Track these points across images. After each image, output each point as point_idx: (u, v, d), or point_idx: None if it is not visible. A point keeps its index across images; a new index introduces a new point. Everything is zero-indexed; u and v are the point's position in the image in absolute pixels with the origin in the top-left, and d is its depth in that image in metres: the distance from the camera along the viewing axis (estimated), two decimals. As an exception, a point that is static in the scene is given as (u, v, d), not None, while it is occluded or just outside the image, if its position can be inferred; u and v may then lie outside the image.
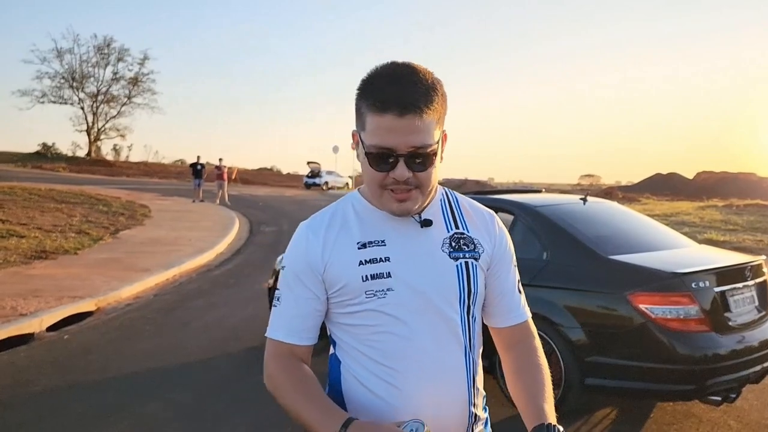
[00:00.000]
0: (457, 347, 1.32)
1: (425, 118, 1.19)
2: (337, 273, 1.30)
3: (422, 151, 1.21)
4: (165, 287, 8.25)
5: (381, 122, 1.20)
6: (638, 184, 48.07)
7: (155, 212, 17.74)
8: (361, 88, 1.25)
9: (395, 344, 1.28)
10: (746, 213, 20.09)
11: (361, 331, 1.31)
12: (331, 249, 1.31)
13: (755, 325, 3.97)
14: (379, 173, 1.24)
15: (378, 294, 1.27)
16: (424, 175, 1.24)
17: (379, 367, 1.30)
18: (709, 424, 4.04)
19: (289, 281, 1.34)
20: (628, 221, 4.87)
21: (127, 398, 4.28)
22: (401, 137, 1.19)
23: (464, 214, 1.40)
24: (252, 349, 5.53)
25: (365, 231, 1.32)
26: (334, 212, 1.38)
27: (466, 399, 1.33)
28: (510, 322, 1.43)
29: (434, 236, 1.33)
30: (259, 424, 3.91)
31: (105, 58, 60.98)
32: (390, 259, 1.29)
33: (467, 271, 1.32)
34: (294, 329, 1.34)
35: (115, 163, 57.99)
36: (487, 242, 1.38)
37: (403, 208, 1.27)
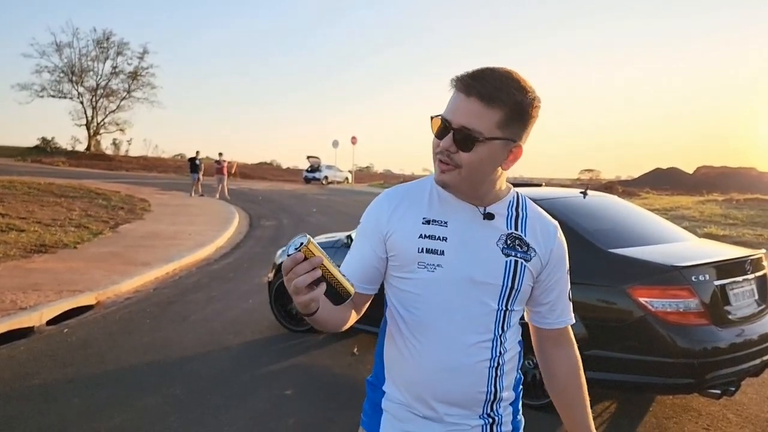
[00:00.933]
0: (486, 332, 1.41)
1: (486, 108, 1.29)
2: (399, 240, 1.42)
3: (468, 132, 1.30)
4: (164, 281, 8.24)
5: (452, 98, 1.34)
6: (638, 179, 48.02)
7: (155, 206, 17.73)
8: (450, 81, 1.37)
9: (431, 314, 1.40)
10: (746, 207, 20.08)
11: (407, 296, 1.44)
12: (399, 218, 1.44)
13: (755, 319, 3.97)
14: (435, 139, 1.36)
15: (428, 267, 1.39)
16: (466, 157, 1.32)
17: (412, 332, 1.43)
18: (708, 418, 4.04)
19: (359, 235, 1.50)
20: (628, 215, 4.86)
21: (126, 392, 4.27)
22: (459, 114, 1.31)
23: (528, 219, 1.49)
24: (251, 342, 5.53)
25: (433, 210, 1.44)
26: (412, 187, 1.51)
27: (485, 378, 1.42)
28: (553, 326, 1.54)
29: (494, 230, 1.43)
30: (259, 417, 3.90)
31: (104, 52, 61.00)
32: (447, 240, 1.40)
33: (515, 269, 1.42)
34: (354, 277, 1.40)
35: (114, 158, 57.91)
36: (542, 250, 1.46)
37: (440, 177, 1.37)
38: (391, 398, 1.49)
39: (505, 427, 1.50)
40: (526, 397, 3.79)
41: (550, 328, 1.55)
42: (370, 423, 1.54)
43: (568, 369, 1.55)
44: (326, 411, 4.04)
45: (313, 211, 20.16)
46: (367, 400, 1.58)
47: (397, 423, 1.48)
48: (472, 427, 1.45)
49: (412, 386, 1.44)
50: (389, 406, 1.49)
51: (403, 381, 1.46)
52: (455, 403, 1.42)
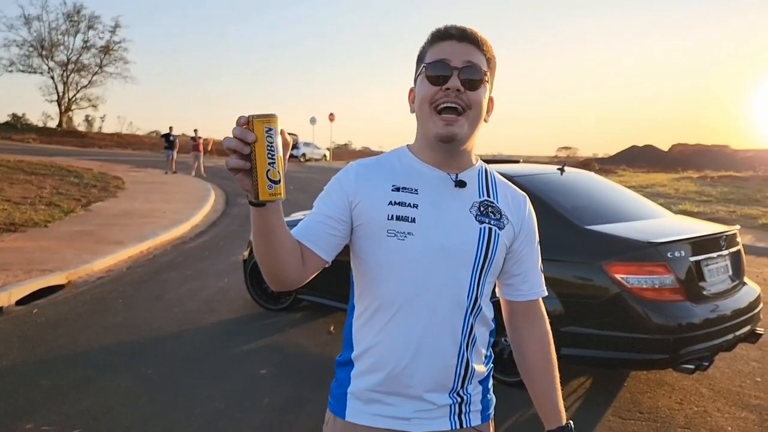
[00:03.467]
0: (457, 304, 1.37)
1: (478, 51, 1.34)
2: (367, 207, 1.37)
3: (475, 69, 1.32)
4: (138, 260, 8.11)
5: (441, 46, 1.34)
6: (614, 156, 48.37)
7: (129, 184, 17.42)
8: (429, 35, 1.39)
9: (400, 285, 1.36)
10: (720, 184, 20.35)
11: (374, 268, 1.38)
12: (367, 185, 1.39)
13: (728, 294, 4.00)
14: (432, 87, 1.33)
15: (398, 235, 1.34)
16: (475, 96, 1.32)
17: (381, 305, 1.38)
18: (681, 392, 4.07)
19: (321, 197, 1.43)
20: (604, 192, 4.85)
21: (97, 372, 4.19)
22: (458, 56, 1.32)
23: (498, 188, 1.47)
24: (226, 321, 5.46)
25: (403, 177, 1.40)
26: (382, 158, 1.48)
27: (455, 352, 1.39)
28: (526, 297, 1.50)
29: (465, 198, 1.40)
30: (234, 397, 3.85)
31: (75, 25, 59.29)
32: (418, 207, 1.35)
33: (489, 237, 1.38)
34: (307, 232, 1.37)
35: (87, 134, 56.75)
36: (515, 218, 1.44)
37: (448, 130, 1.32)
38: (359, 379, 1.44)
39: (474, 406, 1.46)
40: (501, 373, 3.81)
41: (523, 300, 1.50)
42: (336, 406, 1.49)
43: (538, 346, 1.51)
44: (302, 390, 4.00)
45: (291, 188, 19.95)
46: (335, 381, 1.52)
47: (362, 405, 1.44)
48: (440, 406, 1.41)
49: (381, 362, 1.39)
50: (356, 389, 1.44)
51: (371, 358, 1.41)
52: (425, 379, 1.38)
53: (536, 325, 1.52)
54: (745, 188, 19.12)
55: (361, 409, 1.43)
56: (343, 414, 1.46)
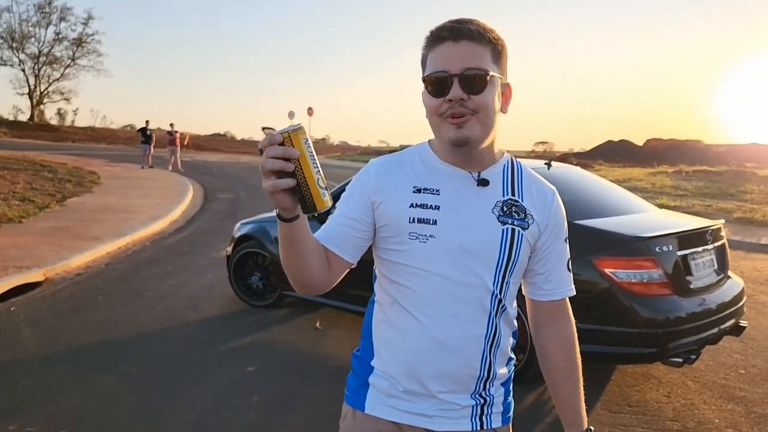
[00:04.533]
0: (481, 306, 1.35)
1: (478, 46, 1.27)
2: (389, 209, 1.35)
3: (475, 72, 1.26)
4: (117, 256, 7.97)
5: (438, 51, 1.28)
6: (591, 151, 48.79)
7: (104, 179, 17.13)
8: (425, 38, 1.33)
9: (424, 287, 1.34)
10: (695, 179, 20.68)
11: (398, 269, 1.37)
12: (389, 186, 1.37)
13: (714, 288, 4.04)
14: (435, 99, 1.28)
15: (420, 237, 1.32)
16: (480, 99, 1.26)
17: (404, 305, 1.36)
18: (668, 385, 4.11)
19: (346, 199, 1.41)
20: (591, 186, 4.87)
21: (80, 372, 4.10)
22: (455, 61, 1.26)
23: (525, 184, 1.41)
24: (210, 318, 5.39)
25: (424, 178, 1.37)
26: (403, 156, 1.44)
27: (479, 355, 1.36)
28: (550, 297, 1.46)
29: (488, 197, 1.36)
30: (222, 395, 3.79)
31: (46, 17, 58.06)
32: (440, 209, 1.33)
33: (512, 238, 1.34)
34: (330, 235, 1.37)
35: (59, 128, 55.72)
36: (540, 216, 1.39)
37: (460, 134, 1.27)
38: (380, 374, 1.42)
39: (496, 408, 1.44)
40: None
41: (547, 300, 1.46)
42: (354, 399, 1.45)
43: (562, 347, 1.48)
44: (290, 387, 3.96)
45: (270, 183, 19.80)
46: (352, 374, 1.49)
47: (384, 398, 1.41)
48: (462, 407, 1.39)
49: (403, 361, 1.37)
50: (377, 382, 1.42)
51: (392, 356, 1.39)
52: (447, 380, 1.36)
53: (561, 325, 1.49)
54: (719, 183, 19.44)
55: (383, 402, 1.41)
56: (362, 406, 1.42)
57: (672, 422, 3.59)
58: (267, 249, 5.56)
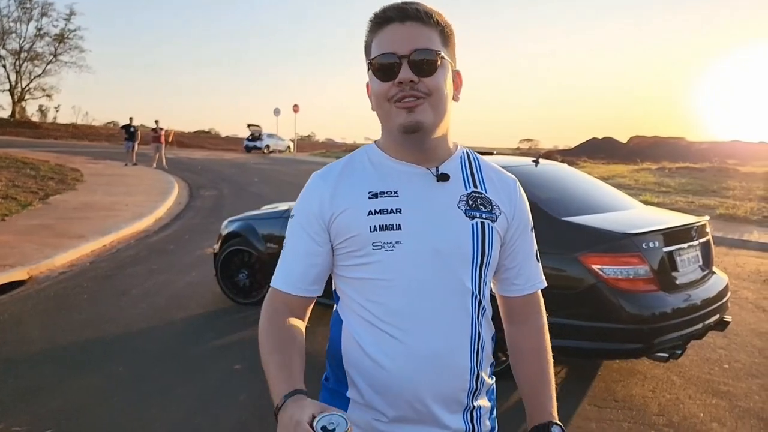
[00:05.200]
0: (463, 310, 1.26)
1: (426, 27, 1.20)
2: (345, 222, 1.24)
3: (425, 53, 1.18)
4: (101, 254, 7.89)
5: (383, 34, 1.21)
6: (575, 148, 49.11)
7: (87, 176, 16.95)
8: (369, 23, 1.25)
9: (398, 300, 1.23)
10: (678, 176, 20.87)
11: (365, 285, 1.26)
12: (341, 198, 1.26)
13: (699, 284, 4.08)
14: (383, 84, 1.20)
15: (386, 246, 1.22)
16: (432, 81, 1.19)
17: (380, 325, 1.25)
18: (653, 380, 4.15)
19: (295, 229, 1.31)
20: (578, 183, 4.90)
21: (67, 370, 4.06)
22: (403, 42, 1.18)
23: (485, 175, 1.34)
24: (197, 316, 5.35)
25: (378, 181, 1.27)
26: (348, 161, 1.33)
27: (468, 366, 1.27)
28: (522, 292, 1.39)
29: (451, 192, 1.27)
30: (209, 393, 3.78)
31: (27, 12, 57.17)
32: (402, 212, 1.23)
33: (483, 232, 1.26)
34: (291, 279, 1.29)
35: (41, 125, 54.96)
36: (506, 207, 1.32)
37: (411, 118, 1.19)
38: (359, 407, 1.29)
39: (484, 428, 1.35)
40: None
41: (519, 295, 1.38)
42: None
43: (534, 340, 1.39)
44: (279, 385, 3.94)
45: (256, 180, 19.76)
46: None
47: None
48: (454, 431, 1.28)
49: (387, 389, 1.24)
50: (356, 416, 1.27)
51: (373, 384, 1.26)
52: (436, 398, 1.25)
53: (533, 318, 1.41)
54: (701, 179, 19.65)
55: None
56: None
57: (658, 417, 3.62)
58: (254, 246, 5.54)
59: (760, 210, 13.28)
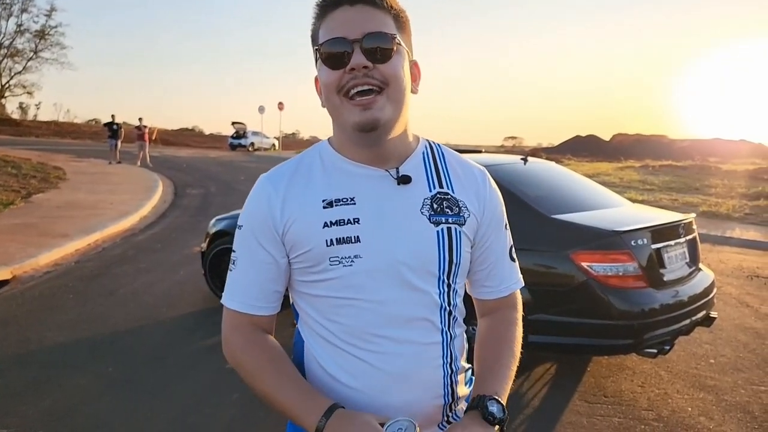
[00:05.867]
0: (431, 325, 1.16)
1: (378, 11, 1.10)
2: (298, 235, 1.13)
3: (379, 37, 1.08)
4: (87, 253, 7.82)
5: (331, 19, 1.10)
6: (559, 146, 49.51)
7: (71, 174, 16.79)
8: (314, 9, 1.14)
9: (360, 319, 1.14)
10: (661, 173, 21.10)
11: (324, 303, 1.16)
12: (292, 207, 1.14)
13: (686, 280, 4.13)
14: (334, 72, 1.09)
15: (344, 261, 1.11)
16: (388, 68, 1.08)
17: (341, 345, 1.16)
18: (641, 376, 4.20)
19: (245, 242, 1.18)
20: (567, 181, 4.93)
21: (52, 372, 4.01)
22: (354, 26, 1.08)
23: (450, 171, 1.22)
24: (186, 315, 5.32)
25: (332, 187, 1.15)
26: (299, 163, 1.21)
27: (440, 380, 1.18)
28: (496, 294, 1.29)
29: (413, 196, 1.16)
30: (201, 393, 3.76)
31: (7, 8, 56.26)
32: (360, 221, 1.12)
33: (449, 239, 1.15)
34: (251, 298, 1.19)
35: (22, 123, 54.33)
36: (474, 205, 1.21)
37: (368, 116, 1.07)
38: None
39: None
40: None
41: (493, 297, 1.29)
42: None
43: (499, 333, 1.27)
44: (270, 384, 3.93)
45: (242, 178, 19.66)
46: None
47: None
48: None
49: (353, 406, 1.14)
50: None
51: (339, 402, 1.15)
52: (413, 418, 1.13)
53: (504, 311, 1.30)
54: (684, 177, 19.88)
55: None
56: None
57: (647, 411, 3.67)
58: (243, 245, 5.50)
59: (742, 207, 13.48)
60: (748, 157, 32.39)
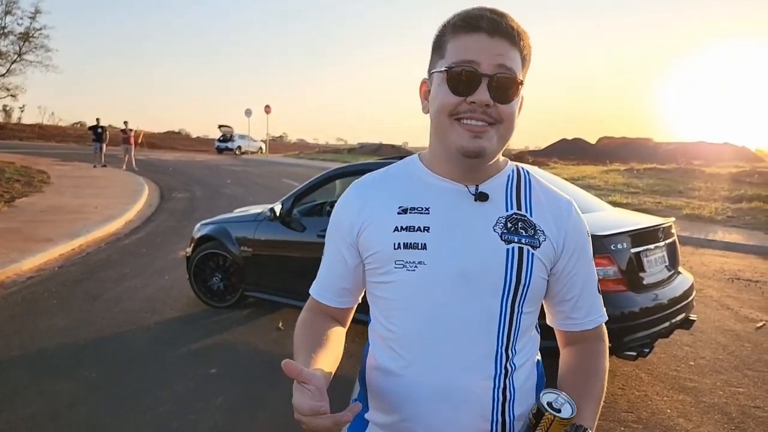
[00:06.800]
0: (485, 341, 1.15)
1: (513, 49, 1.10)
2: (371, 237, 1.19)
3: (509, 75, 1.08)
4: (70, 258, 7.77)
5: (468, 40, 1.09)
6: (546, 149, 49.64)
7: (55, 178, 16.67)
8: (448, 20, 1.14)
9: (415, 325, 1.16)
10: (646, 176, 21.26)
11: (386, 304, 1.20)
12: (370, 211, 1.20)
13: (666, 284, 4.20)
14: (455, 97, 1.09)
15: (408, 266, 1.14)
16: (507, 109, 1.10)
17: (395, 348, 1.19)
18: (622, 378, 4.26)
19: (328, 239, 1.30)
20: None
21: (37, 377, 4.00)
22: (488, 57, 1.07)
23: (533, 196, 1.21)
24: (171, 321, 5.31)
25: (411, 195, 1.19)
26: (387, 172, 1.27)
27: (488, 403, 1.15)
28: (580, 327, 1.27)
29: (488, 213, 1.17)
30: (185, 398, 3.76)
31: (-9, 11, 55.90)
32: (430, 230, 1.14)
33: (520, 258, 1.13)
34: (324, 288, 1.30)
35: (5, 126, 53.80)
36: (553, 232, 1.18)
37: (477, 144, 1.09)
38: (377, 428, 1.24)
39: None
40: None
41: (578, 330, 1.26)
42: None
43: (584, 362, 1.25)
44: (254, 388, 3.95)
45: (228, 182, 19.61)
46: (349, 428, 1.31)
47: None
48: None
49: (400, 416, 1.18)
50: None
51: (388, 409, 1.20)
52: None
53: (590, 342, 1.28)
54: (668, 180, 20.06)
55: None
56: None
57: (627, 413, 3.72)
58: (228, 250, 5.52)
59: (724, 210, 13.63)
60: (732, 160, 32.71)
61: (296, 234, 4.99)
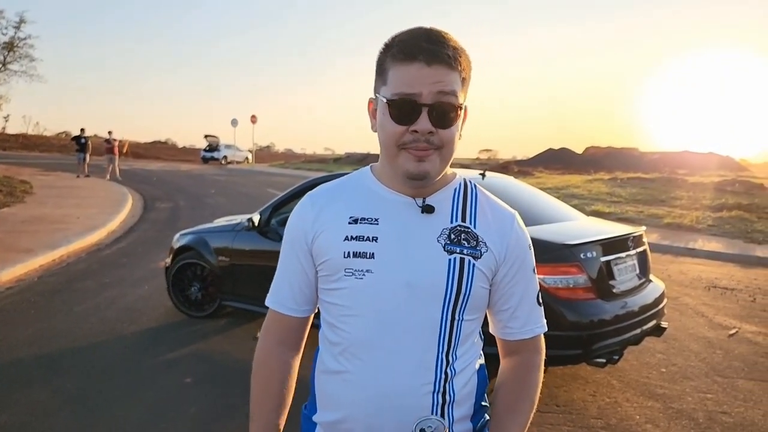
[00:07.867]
0: (427, 348, 1.21)
1: (452, 72, 1.15)
2: (323, 245, 1.25)
3: (448, 102, 1.15)
4: (50, 268, 7.74)
5: (406, 71, 1.14)
6: (532, 159, 49.94)
7: (37, 188, 16.57)
8: (387, 44, 1.20)
9: (361, 331, 1.22)
10: (629, 185, 21.46)
11: (335, 310, 1.26)
12: (324, 220, 1.26)
13: (636, 292, 4.26)
14: (398, 127, 1.16)
15: (356, 274, 1.20)
16: (447, 134, 1.16)
17: (341, 353, 1.25)
18: (594, 385, 4.31)
19: (284, 248, 1.34)
20: (522, 196, 5.04)
21: (10, 387, 3.99)
22: (427, 85, 1.13)
23: (478, 208, 1.28)
24: (147, 330, 5.31)
25: (362, 206, 1.25)
26: (340, 184, 1.34)
27: (429, 406, 1.21)
28: (517, 336, 1.32)
29: (433, 224, 1.23)
30: (157, 407, 3.77)
31: (-25, 20, 55.57)
32: (378, 240, 1.21)
33: (461, 269, 1.20)
34: (282, 298, 1.34)
35: (-11, 135, 53.37)
36: (495, 244, 1.25)
37: (421, 168, 1.17)
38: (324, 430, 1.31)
39: None
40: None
41: (514, 339, 1.32)
42: None
43: (518, 377, 1.32)
44: (229, 398, 3.96)
45: (212, 192, 19.58)
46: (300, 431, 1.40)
47: None
48: None
49: (344, 418, 1.24)
50: None
51: (332, 411, 1.27)
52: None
53: (526, 355, 1.33)
54: (651, 189, 20.26)
55: None
56: None
57: (596, 420, 3.77)
58: (206, 260, 5.54)
59: (705, 219, 13.80)
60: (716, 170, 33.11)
61: (273, 243, 5.02)
